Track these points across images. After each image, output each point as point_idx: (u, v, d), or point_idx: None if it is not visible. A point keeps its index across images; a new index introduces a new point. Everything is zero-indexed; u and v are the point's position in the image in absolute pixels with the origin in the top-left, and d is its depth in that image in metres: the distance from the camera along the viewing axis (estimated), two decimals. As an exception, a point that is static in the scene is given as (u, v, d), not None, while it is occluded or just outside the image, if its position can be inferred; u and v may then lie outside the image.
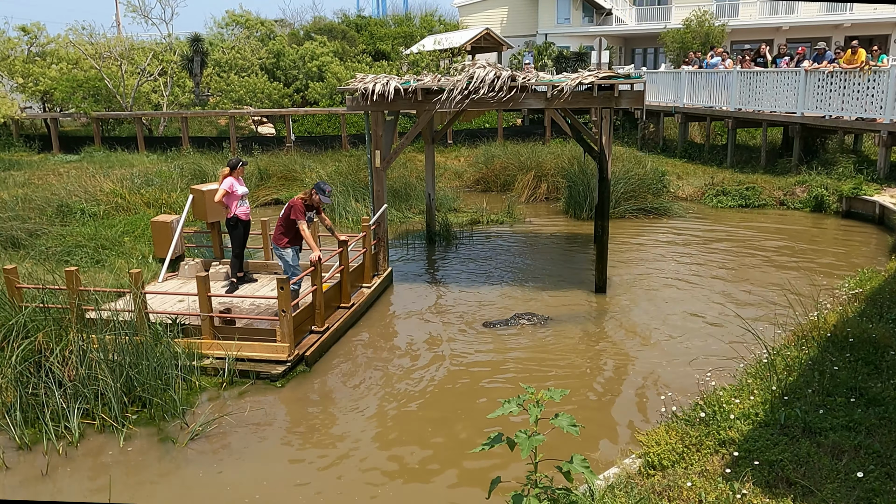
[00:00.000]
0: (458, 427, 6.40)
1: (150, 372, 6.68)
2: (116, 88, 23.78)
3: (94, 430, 6.28)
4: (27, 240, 11.23)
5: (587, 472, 3.71)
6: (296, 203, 8.40)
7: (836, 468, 4.47)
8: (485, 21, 37.04)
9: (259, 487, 5.52)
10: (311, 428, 6.48)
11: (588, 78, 9.23)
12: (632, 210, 15.06)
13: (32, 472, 5.73)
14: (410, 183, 16.49)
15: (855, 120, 14.84)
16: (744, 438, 4.92)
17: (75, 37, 25.42)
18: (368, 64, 27.50)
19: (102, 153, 21.32)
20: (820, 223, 14.30)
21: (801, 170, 16.40)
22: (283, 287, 7.27)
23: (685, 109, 20.77)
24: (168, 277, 9.96)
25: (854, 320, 6.95)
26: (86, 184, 14.48)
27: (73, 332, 6.92)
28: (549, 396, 3.81)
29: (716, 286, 10.36)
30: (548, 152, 18.83)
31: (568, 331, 8.67)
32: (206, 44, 27.13)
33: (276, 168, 18.19)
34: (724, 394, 5.72)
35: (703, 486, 4.41)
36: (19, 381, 6.47)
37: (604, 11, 38.04)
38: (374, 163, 10.43)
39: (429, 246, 13.18)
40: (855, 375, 5.75)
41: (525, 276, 11.11)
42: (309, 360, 7.70)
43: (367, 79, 10.02)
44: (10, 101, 22.39)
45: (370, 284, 10.08)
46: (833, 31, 33.09)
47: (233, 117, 22.51)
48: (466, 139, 22.77)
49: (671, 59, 30.88)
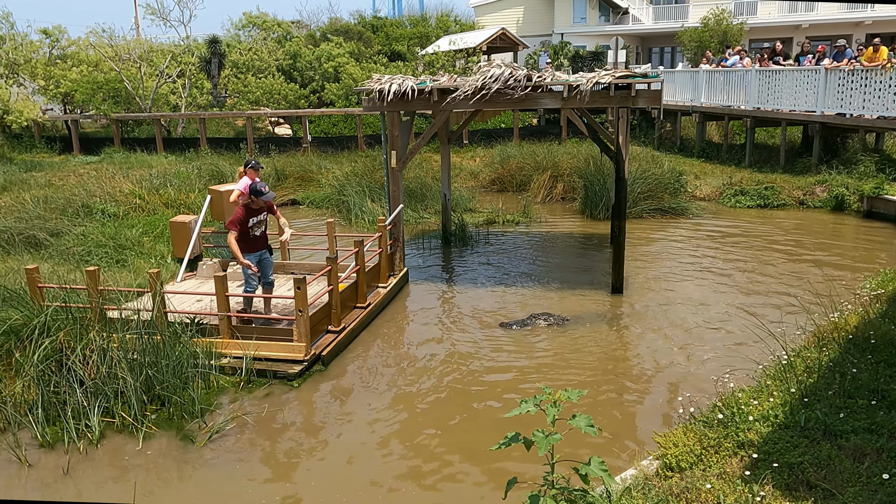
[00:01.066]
0: (474, 427, 6.40)
1: (169, 371, 6.75)
2: (135, 90, 24.04)
3: (114, 429, 6.35)
4: (49, 240, 11.39)
5: (605, 475, 3.69)
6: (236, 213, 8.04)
7: (858, 471, 4.41)
8: (501, 21, 36.95)
9: (277, 487, 5.56)
10: (328, 427, 6.51)
11: (604, 77, 9.19)
12: (649, 210, 14.97)
13: (54, 470, 5.81)
14: (426, 183, 16.51)
15: (877, 118, 14.64)
16: (763, 440, 4.87)
17: (95, 39, 25.72)
18: (384, 65, 27.55)
19: (122, 154, 21.56)
20: (840, 223, 14.12)
21: (821, 169, 16.20)
22: (299, 287, 7.31)
23: (703, 109, 20.59)
24: (186, 277, 10.05)
25: (876, 322, 6.85)
26: (105, 184, 14.65)
27: (94, 331, 7.00)
28: (567, 397, 3.80)
29: (734, 287, 10.27)
30: (564, 152, 18.76)
31: (585, 331, 8.64)
32: (223, 45, 27.33)
33: (293, 169, 18.34)
34: (743, 395, 5.66)
35: (721, 488, 4.37)
36: (41, 380, 6.57)
37: (620, 10, 37.84)
38: (391, 163, 10.45)
39: (444, 246, 13.19)
40: (877, 377, 5.67)
41: (541, 277, 11.08)
42: (325, 359, 7.74)
43: (382, 79, 10.05)
44: (31, 104, 22.69)
45: (386, 284, 10.10)
46: (854, 29, 32.64)
47: (250, 118, 22.67)
48: (482, 139, 22.74)
49: (689, 58, 30.63)
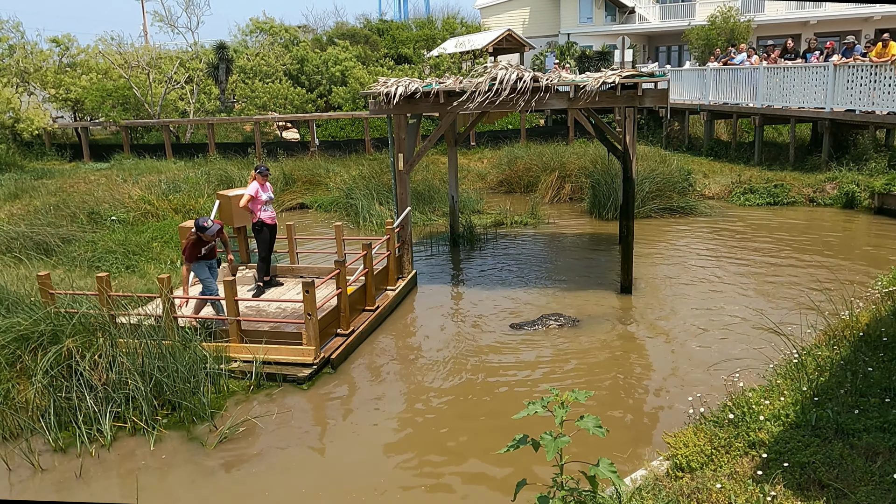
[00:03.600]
0: (483, 429, 6.39)
1: (179, 375, 6.79)
2: (144, 97, 24.21)
3: (125, 434, 6.40)
4: (60, 246, 11.48)
5: (614, 476, 3.67)
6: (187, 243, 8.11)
7: (871, 470, 4.37)
8: (507, 22, 36.96)
9: (287, 488, 5.57)
10: (337, 430, 6.53)
11: (611, 77, 9.16)
12: (657, 209, 14.91)
13: (67, 475, 5.85)
14: (434, 185, 16.53)
15: (887, 114, 14.51)
16: (774, 440, 4.83)
17: (104, 47, 25.93)
18: (390, 68, 27.62)
19: (131, 160, 21.72)
20: (851, 220, 14.01)
21: (831, 166, 16.08)
22: (308, 290, 7.33)
23: (711, 107, 20.48)
24: (196, 282, 10.08)
25: (888, 319, 6.79)
26: (115, 191, 14.75)
27: (104, 336, 7.05)
28: (575, 398, 3.78)
29: (743, 285, 10.21)
30: (571, 152, 18.73)
31: (595, 332, 8.61)
32: (230, 51, 27.49)
33: (301, 172, 18.41)
34: (754, 395, 5.63)
35: (732, 488, 4.34)
36: (53, 386, 6.62)
37: (627, 10, 37.75)
38: (398, 166, 10.47)
39: (453, 248, 13.19)
40: (889, 376, 5.62)
41: (550, 278, 11.06)
42: (334, 362, 7.76)
43: (389, 82, 10.06)
44: (42, 113, 22.89)
45: (395, 287, 10.11)
46: (863, 25, 32.40)
47: (258, 123, 22.78)
48: (489, 141, 22.74)
49: (696, 56, 30.51)
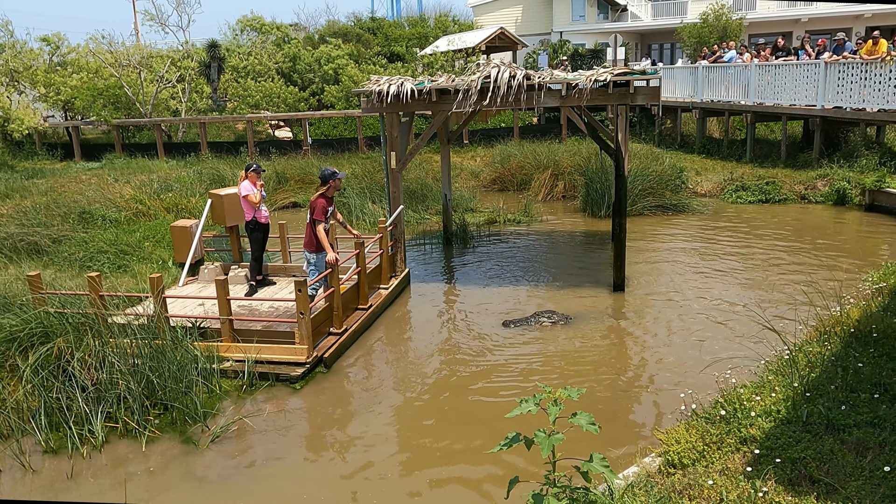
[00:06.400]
0: (476, 427, 6.39)
1: (171, 375, 6.75)
2: (136, 96, 24.09)
3: (116, 435, 6.36)
4: (50, 246, 11.40)
5: (607, 471, 3.67)
6: (317, 204, 8.33)
7: (861, 465, 4.39)
8: (499, 20, 36.93)
9: (280, 488, 5.56)
10: (330, 429, 6.52)
11: (603, 75, 9.18)
12: (650, 207, 14.95)
13: (58, 476, 5.82)
14: (427, 184, 16.51)
15: (877, 111, 14.59)
16: (765, 436, 4.85)
17: (95, 46, 25.78)
18: (383, 66, 27.56)
19: (123, 160, 21.62)
20: (842, 217, 14.08)
21: (823, 163, 16.16)
22: (300, 290, 7.31)
23: (703, 105, 20.55)
24: (188, 281, 10.06)
25: (878, 315, 6.83)
26: (106, 190, 14.67)
27: (95, 336, 7.01)
28: (567, 395, 3.78)
29: (735, 282, 10.25)
30: (564, 150, 18.76)
31: (587, 329, 8.63)
32: (222, 50, 27.37)
33: (294, 171, 18.36)
34: (745, 391, 5.64)
35: (724, 484, 4.36)
36: (44, 386, 6.57)
37: (619, 8, 37.80)
38: (390, 164, 10.45)
39: (446, 246, 13.19)
40: (879, 371, 5.65)
41: (543, 276, 11.07)
42: (327, 361, 7.75)
43: (381, 81, 10.04)
44: (32, 112, 22.74)
45: (388, 285, 10.10)
46: (854, 22, 32.55)
47: (250, 122, 22.70)
48: (482, 139, 22.74)
49: (688, 54, 30.59)
